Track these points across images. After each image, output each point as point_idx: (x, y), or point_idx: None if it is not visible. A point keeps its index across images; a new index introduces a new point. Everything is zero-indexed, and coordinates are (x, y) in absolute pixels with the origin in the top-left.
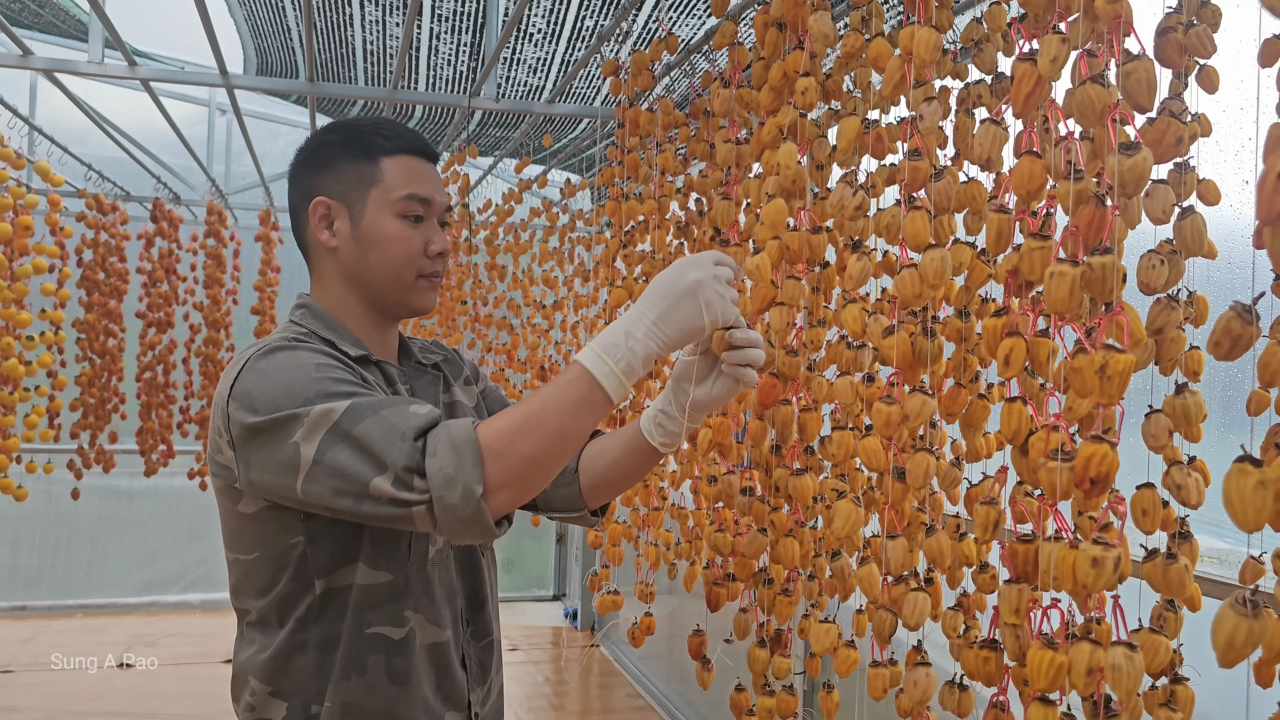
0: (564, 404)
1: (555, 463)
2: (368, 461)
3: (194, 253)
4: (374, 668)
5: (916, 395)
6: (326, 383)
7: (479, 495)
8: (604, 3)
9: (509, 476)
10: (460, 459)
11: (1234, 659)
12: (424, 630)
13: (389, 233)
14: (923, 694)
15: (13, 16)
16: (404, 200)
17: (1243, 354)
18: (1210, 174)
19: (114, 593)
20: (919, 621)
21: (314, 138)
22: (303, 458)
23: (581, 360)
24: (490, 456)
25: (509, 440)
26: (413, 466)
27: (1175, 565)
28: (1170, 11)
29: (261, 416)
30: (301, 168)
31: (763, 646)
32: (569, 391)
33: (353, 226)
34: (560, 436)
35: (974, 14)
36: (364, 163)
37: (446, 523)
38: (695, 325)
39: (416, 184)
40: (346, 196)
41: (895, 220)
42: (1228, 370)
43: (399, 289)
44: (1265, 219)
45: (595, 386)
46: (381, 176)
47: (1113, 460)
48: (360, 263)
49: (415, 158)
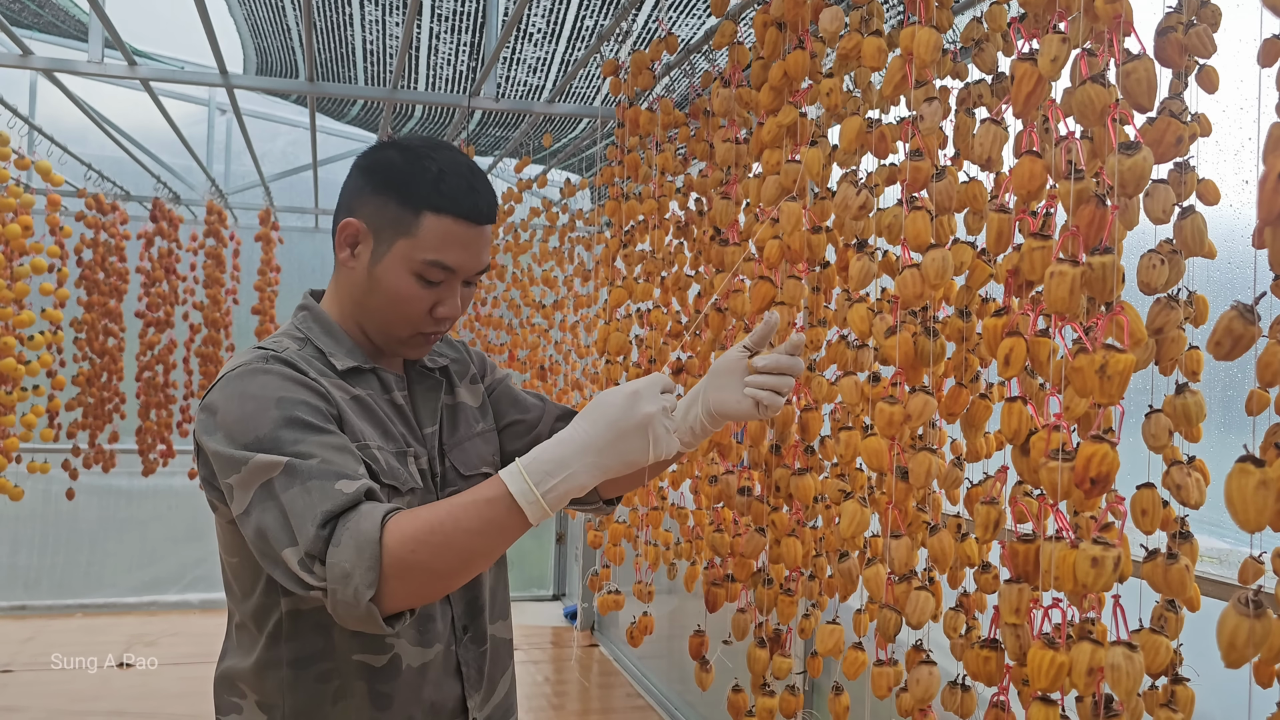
0: (477, 523)
1: (457, 578)
2: (285, 531)
3: (194, 252)
4: (358, 693)
5: (919, 395)
6: (279, 426)
7: (368, 599)
8: (604, 3)
9: (404, 585)
10: (359, 557)
11: (1237, 659)
12: (409, 653)
13: (399, 289)
14: (925, 692)
15: (12, 16)
16: (426, 265)
17: (1243, 354)
18: (1210, 174)
19: (113, 592)
20: (922, 620)
21: (381, 150)
22: (235, 500)
23: (506, 481)
24: (390, 561)
25: (411, 549)
26: (314, 553)
27: (1176, 565)
28: (1170, 11)
29: (218, 445)
30: (357, 175)
31: (762, 647)
32: (485, 511)
33: (371, 262)
34: (467, 555)
35: (974, 13)
36: (407, 209)
37: (338, 615)
38: (640, 460)
39: (447, 251)
40: (378, 231)
41: (897, 220)
42: (1227, 370)
43: (391, 338)
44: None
45: (515, 511)
46: (416, 232)
47: (1113, 460)
48: (365, 295)
49: (462, 222)
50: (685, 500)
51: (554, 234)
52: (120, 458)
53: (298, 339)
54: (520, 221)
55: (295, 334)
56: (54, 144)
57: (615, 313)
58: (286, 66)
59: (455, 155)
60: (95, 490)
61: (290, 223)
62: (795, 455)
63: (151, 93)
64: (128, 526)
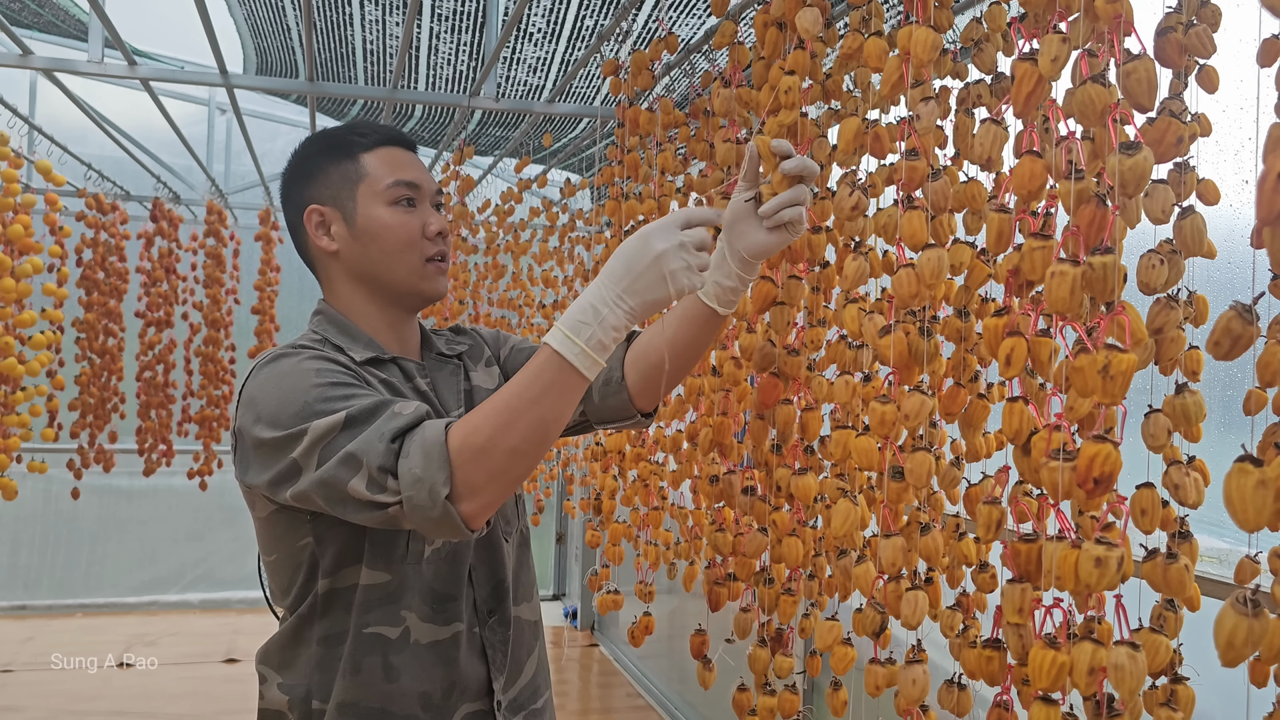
0: (536, 391)
1: (536, 451)
2: (349, 466)
3: (194, 252)
4: (369, 667)
5: (914, 395)
6: (325, 389)
7: (443, 496)
8: (604, 2)
9: (479, 474)
10: (428, 460)
11: (1235, 658)
12: (420, 629)
13: (385, 221)
14: (921, 692)
15: (12, 16)
16: (391, 187)
17: (1242, 354)
18: (1210, 174)
19: (114, 592)
20: (917, 620)
21: (295, 155)
22: (300, 469)
23: (550, 343)
24: (458, 456)
25: (481, 437)
26: (386, 467)
27: (1175, 565)
28: (1170, 11)
29: (265, 431)
30: (290, 185)
31: (764, 646)
32: (541, 377)
33: (349, 226)
34: (539, 425)
35: (974, 13)
36: (345, 162)
37: (417, 522)
38: (661, 296)
39: (400, 170)
40: (337, 199)
41: (892, 220)
42: (1227, 370)
43: (406, 276)
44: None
45: (567, 368)
46: (365, 171)
47: (1115, 460)
48: (364, 259)
49: (393, 148)
50: (685, 500)
51: (554, 234)
52: (120, 458)
53: (316, 340)
54: (520, 221)
55: (313, 336)
56: (54, 144)
57: None
58: (286, 66)
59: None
60: (95, 490)
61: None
62: (796, 455)
63: (151, 92)
64: (128, 526)
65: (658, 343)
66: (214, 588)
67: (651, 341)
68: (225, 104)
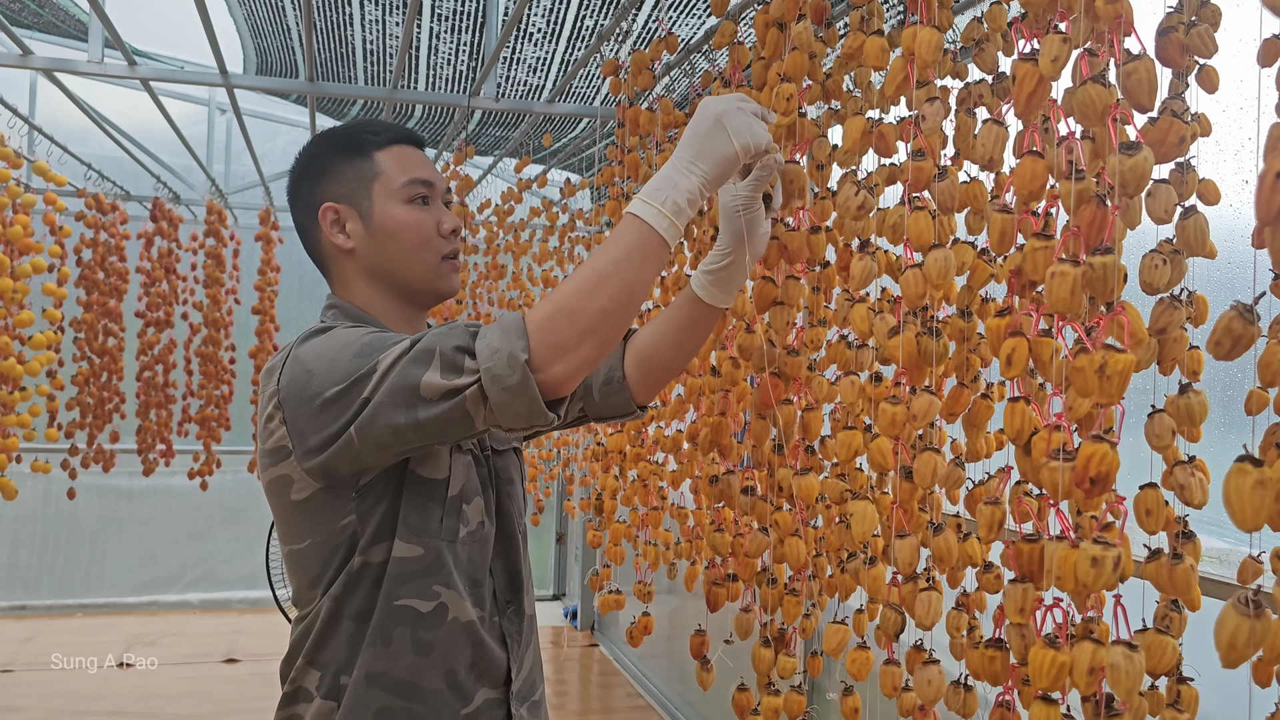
0: (620, 253)
1: (623, 314)
2: (421, 362)
3: (194, 252)
4: (399, 639)
5: (923, 395)
6: (376, 338)
7: (523, 360)
8: (604, 2)
9: (568, 336)
10: (506, 333)
11: (1236, 659)
12: (456, 606)
13: (401, 219)
14: (936, 693)
15: (12, 16)
16: (407, 186)
17: (1243, 354)
18: (1210, 174)
19: (114, 592)
20: (933, 621)
21: (304, 153)
22: (369, 401)
23: (631, 210)
24: (540, 323)
25: (567, 301)
26: (464, 347)
27: (1181, 565)
28: (1171, 11)
29: (329, 388)
30: (300, 183)
31: (767, 646)
32: (623, 241)
33: (365, 224)
34: (624, 286)
35: (974, 13)
36: (359, 161)
37: (494, 395)
38: (729, 152)
39: (414, 169)
40: (351, 196)
41: (900, 221)
42: (1227, 370)
43: (423, 274)
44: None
45: (648, 231)
46: (380, 170)
47: (1113, 460)
48: (380, 256)
49: (405, 146)
50: (686, 500)
51: (554, 234)
52: (120, 457)
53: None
54: (520, 221)
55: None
56: (54, 144)
57: None
58: (286, 66)
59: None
60: (95, 490)
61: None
62: (797, 455)
63: (151, 92)
64: (128, 526)
65: (658, 340)
66: (214, 588)
67: (652, 339)
68: (225, 104)
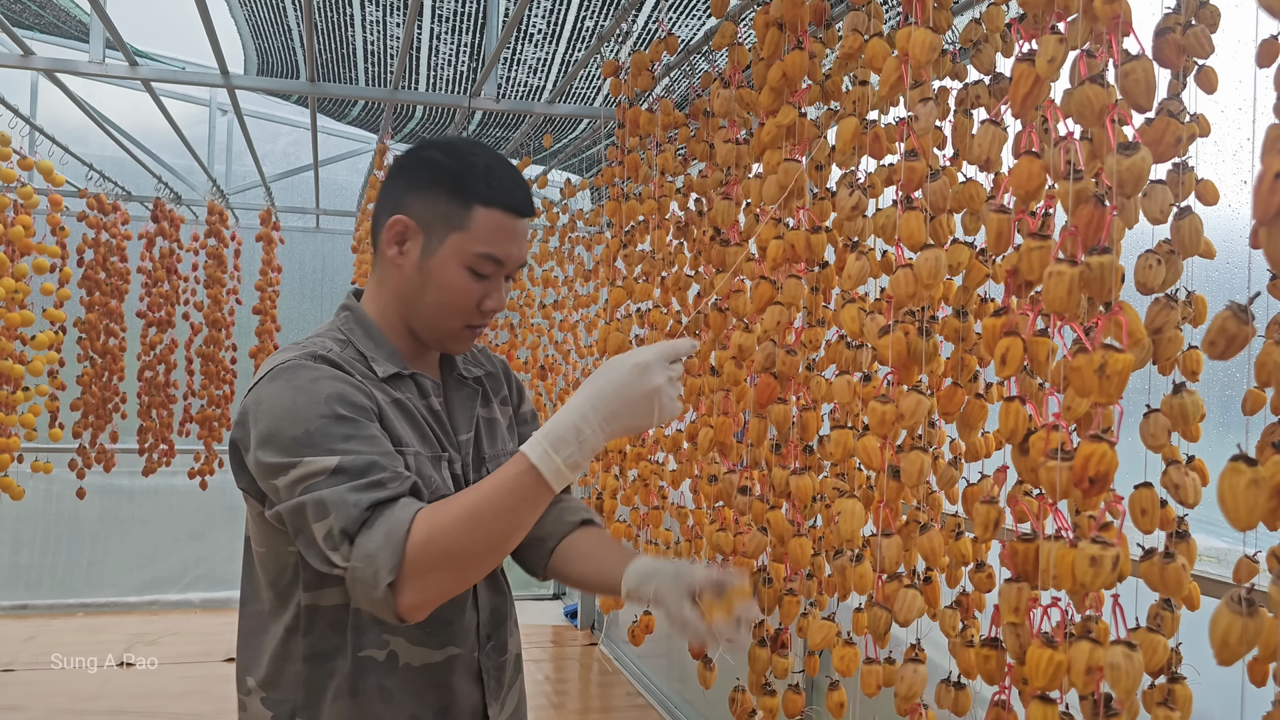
0: (510, 500)
1: (494, 557)
2: (318, 511)
3: (195, 252)
4: (367, 689)
5: (911, 394)
6: (330, 423)
7: (386, 583)
8: (604, 3)
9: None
10: (386, 542)
11: (1230, 657)
12: (409, 652)
13: (452, 281)
14: (909, 689)
15: (13, 17)
16: (478, 258)
17: (1238, 353)
18: (1208, 174)
19: (114, 592)
20: (910, 619)
21: (423, 150)
22: (279, 497)
23: (528, 454)
24: (415, 549)
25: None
26: (349, 532)
27: (1173, 564)
28: (1169, 12)
29: (262, 452)
30: (400, 175)
31: (763, 646)
32: (514, 490)
33: (422, 257)
34: (503, 534)
35: (973, 14)
36: (458, 203)
37: (355, 594)
38: (644, 426)
39: (498, 243)
40: (429, 226)
41: (891, 220)
42: (1226, 370)
43: (440, 331)
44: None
45: (540, 481)
46: (468, 225)
47: (1111, 459)
48: (415, 292)
49: (507, 215)
50: (685, 500)
51: (554, 234)
52: (121, 457)
53: (339, 340)
54: None
55: (337, 335)
56: (55, 144)
57: (615, 313)
58: (287, 67)
59: (496, 153)
60: (96, 490)
61: (291, 223)
62: (794, 455)
63: (152, 93)
64: (129, 526)
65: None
66: (215, 587)
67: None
68: (226, 104)
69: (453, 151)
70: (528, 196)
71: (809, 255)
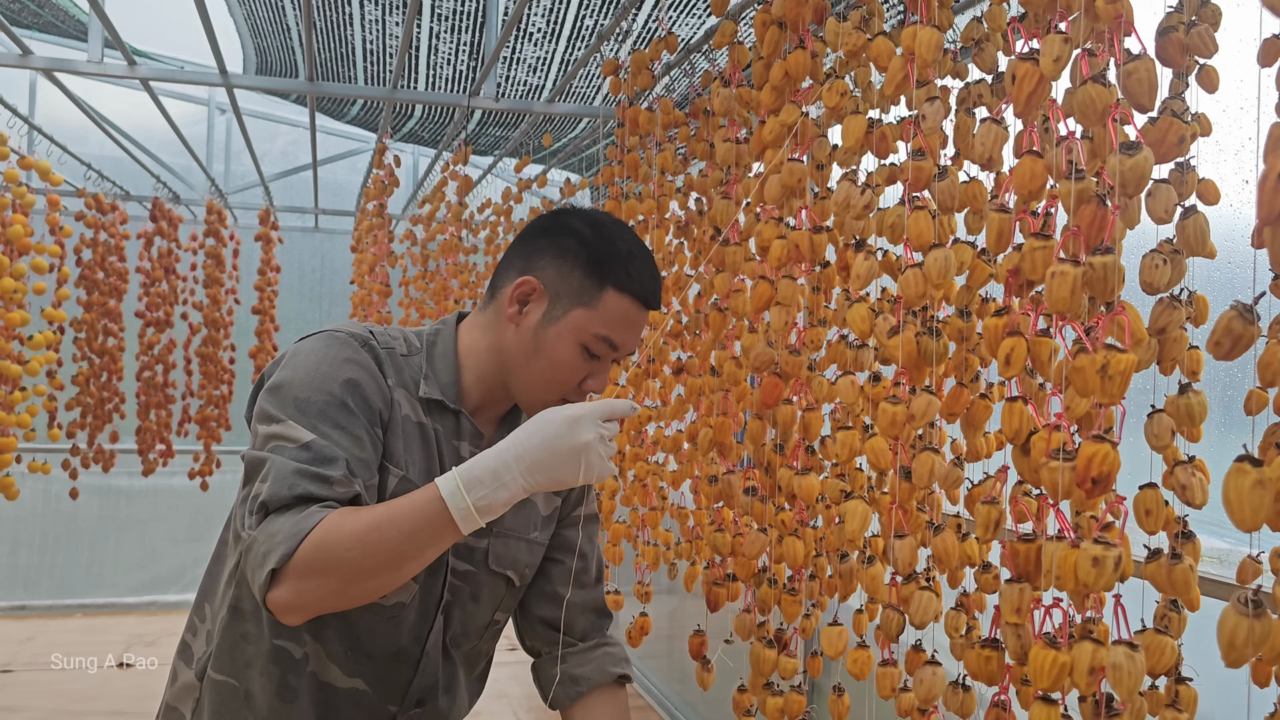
0: (410, 526)
1: (383, 579)
2: (257, 470)
3: (193, 252)
4: (272, 675)
5: (922, 395)
6: (328, 406)
7: (268, 569)
8: (604, 2)
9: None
10: (289, 533)
11: (1237, 659)
12: (320, 662)
13: (564, 356)
14: (928, 692)
15: (12, 16)
16: (597, 339)
17: (1243, 354)
18: (1210, 174)
19: (113, 592)
20: (926, 621)
21: (568, 218)
22: (253, 442)
23: (440, 486)
24: (308, 548)
25: (338, 545)
26: (268, 506)
27: (1180, 565)
28: (1171, 11)
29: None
30: (540, 235)
31: (770, 647)
32: (418, 516)
33: (540, 324)
34: (397, 557)
35: (974, 13)
36: (592, 281)
37: (246, 566)
38: (569, 482)
39: (620, 330)
40: (556, 295)
41: (900, 220)
42: (1228, 370)
43: (530, 397)
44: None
45: (445, 517)
46: (597, 306)
47: (1114, 460)
48: (523, 355)
49: (638, 305)
50: (685, 500)
51: None
52: (120, 458)
53: (414, 346)
54: (520, 221)
55: (416, 342)
56: (54, 144)
57: None
58: (286, 66)
59: (638, 238)
60: (95, 490)
61: (290, 222)
62: (797, 455)
63: (151, 92)
64: (127, 526)
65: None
66: None
67: None
68: (225, 104)
69: (599, 228)
70: (659, 290)
71: (811, 255)
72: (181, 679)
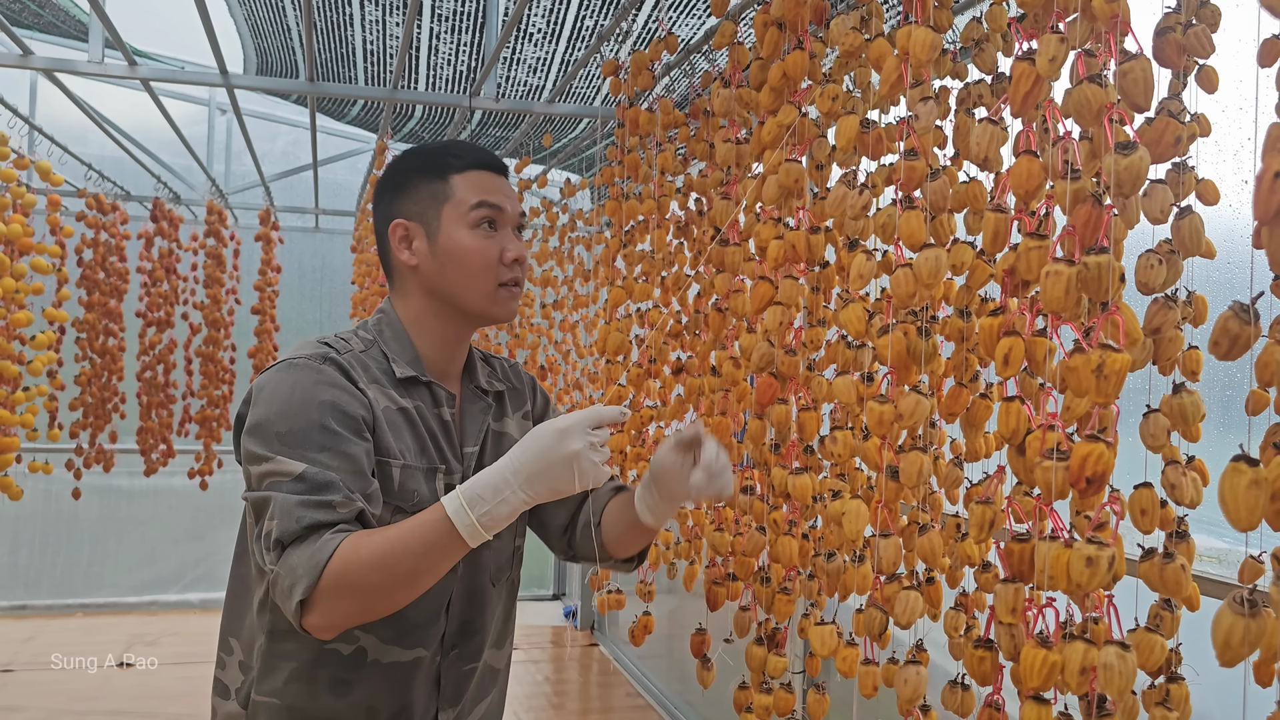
0: (420, 546)
1: (402, 596)
2: (263, 509)
3: (194, 252)
4: (321, 679)
5: (911, 395)
6: (313, 431)
7: (297, 600)
8: (604, 3)
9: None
10: (308, 564)
11: (1232, 658)
12: (378, 649)
13: (465, 244)
14: (913, 692)
15: (13, 16)
16: (475, 210)
17: (1241, 354)
18: (1210, 174)
19: (114, 592)
20: (910, 620)
21: (392, 165)
22: (250, 484)
23: (445, 506)
24: (329, 577)
25: (358, 571)
26: (283, 541)
27: (1172, 565)
28: (1169, 11)
29: (250, 432)
30: (381, 194)
31: (760, 645)
32: (428, 537)
33: (430, 243)
34: (413, 576)
35: (974, 14)
36: (436, 182)
37: (276, 598)
38: (566, 490)
39: (486, 193)
40: (423, 215)
41: (891, 220)
42: (1227, 370)
43: (479, 298)
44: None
45: (454, 534)
46: (453, 193)
47: (1108, 459)
48: (441, 277)
49: (484, 171)
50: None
51: (554, 234)
52: (120, 457)
53: (366, 339)
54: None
55: (366, 334)
56: (54, 144)
57: (615, 313)
58: (286, 66)
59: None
60: (96, 490)
61: (290, 223)
62: (794, 455)
63: (152, 93)
64: (128, 526)
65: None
66: (214, 587)
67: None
68: (225, 104)
69: (411, 151)
70: (493, 155)
71: (809, 255)
72: (223, 711)
